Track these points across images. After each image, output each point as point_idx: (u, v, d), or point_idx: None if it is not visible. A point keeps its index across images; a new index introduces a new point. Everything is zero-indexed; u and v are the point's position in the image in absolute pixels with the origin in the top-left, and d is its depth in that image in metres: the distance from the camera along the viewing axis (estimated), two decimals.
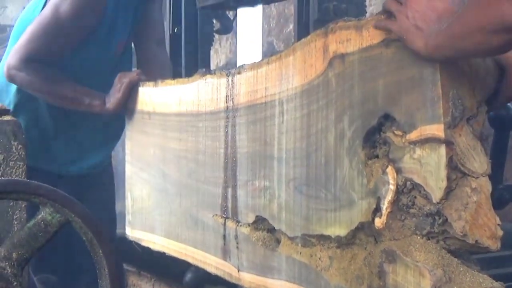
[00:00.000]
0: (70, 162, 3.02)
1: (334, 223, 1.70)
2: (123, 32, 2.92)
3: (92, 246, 2.10)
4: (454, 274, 1.45)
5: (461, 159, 1.41)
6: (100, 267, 2.11)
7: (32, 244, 2.05)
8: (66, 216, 2.07)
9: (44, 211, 2.07)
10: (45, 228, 2.06)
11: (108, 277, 2.08)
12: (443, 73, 1.40)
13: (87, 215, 2.10)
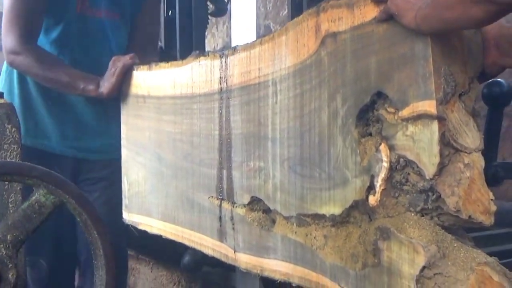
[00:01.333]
0: (64, 143, 3.02)
1: (328, 202, 1.70)
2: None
3: (86, 227, 2.11)
4: (448, 250, 1.45)
5: (454, 135, 1.41)
6: (95, 247, 2.12)
7: (26, 225, 2.07)
8: (60, 198, 2.09)
9: (38, 193, 2.09)
10: (39, 210, 2.08)
11: (103, 257, 2.11)
12: (435, 49, 1.39)
13: (81, 196, 2.12)
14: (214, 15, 3.70)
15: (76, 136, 3.04)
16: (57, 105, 2.98)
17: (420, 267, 1.44)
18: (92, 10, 2.91)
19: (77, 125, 3.01)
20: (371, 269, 1.58)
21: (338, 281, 1.69)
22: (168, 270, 4.66)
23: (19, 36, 2.80)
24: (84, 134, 3.04)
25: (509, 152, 4.78)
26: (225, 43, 6.90)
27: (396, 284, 1.51)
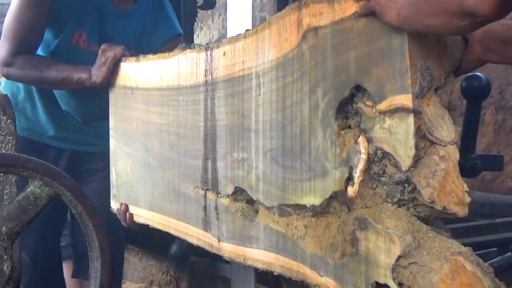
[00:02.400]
0: (61, 136, 3.04)
1: (309, 192, 1.72)
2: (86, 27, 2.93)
3: (81, 219, 2.10)
4: (423, 240, 1.47)
5: (429, 128, 1.44)
6: (90, 239, 2.11)
7: (21, 217, 2.07)
8: (55, 189, 2.07)
9: (33, 185, 2.08)
10: (34, 202, 2.07)
11: (98, 249, 2.10)
12: (411, 44, 1.42)
13: (76, 188, 2.10)
14: (202, 8, 3.72)
15: (73, 129, 3.06)
16: (54, 99, 3.01)
17: (396, 256, 1.47)
18: (87, 44, 2.92)
19: (73, 119, 3.03)
20: (349, 258, 1.61)
21: (318, 270, 1.72)
22: (157, 260, 4.69)
23: (11, 49, 2.84)
24: (81, 128, 3.05)
25: (504, 144, 4.81)
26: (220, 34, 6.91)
27: (373, 273, 1.54)
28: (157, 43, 3.02)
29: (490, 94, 4.86)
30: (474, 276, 1.43)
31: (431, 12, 1.33)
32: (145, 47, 2.97)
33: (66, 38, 2.90)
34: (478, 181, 4.76)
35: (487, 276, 1.45)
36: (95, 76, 2.77)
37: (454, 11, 1.27)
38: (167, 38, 3.07)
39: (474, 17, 1.25)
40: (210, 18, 7.36)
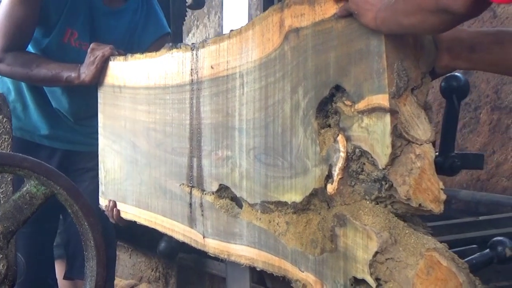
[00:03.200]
0: (52, 135, 3.06)
1: (290, 189, 1.75)
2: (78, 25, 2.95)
3: (77, 218, 2.08)
4: (400, 236, 1.50)
5: (406, 127, 1.46)
6: (85, 238, 2.09)
7: (17, 216, 2.05)
8: (51, 189, 2.06)
9: (29, 184, 2.06)
10: (30, 201, 2.05)
11: (94, 248, 2.09)
12: (388, 45, 1.44)
13: (72, 187, 2.09)
14: (192, 8, 3.73)
15: (65, 128, 3.07)
16: (46, 98, 3.02)
17: (373, 252, 1.50)
18: (78, 42, 2.93)
19: (65, 118, 3.05)
20: (329, 254, 1.63)
21: (299, 266, 1.74)
22: (147, 256, 4.71)
23: (1, 45, 2.85)
24: (72, 127, 3.07)
25: (499, 144, 4.82)
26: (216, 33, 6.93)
27: (351, 268, 1.56)
28: (146, 42, 3.04)
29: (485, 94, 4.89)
30: (449, 272, 1.46)
31: (408, 11, 1.35)
32: (135, 45, 2.99)
33: (57, 37, 2.92)
34: (473, 181, 4.77)
35: (461, 272, 1.48)
36: (84, 74, 2.79)
37: (430, 8, 1.30)
38: (156, 37, 3.09)
39: (449, 15, 1.28)
40: (206, 17, 7.37)
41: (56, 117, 3.05)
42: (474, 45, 1.50)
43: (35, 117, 3.04)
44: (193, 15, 7.50)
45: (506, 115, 4.85)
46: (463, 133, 5.06)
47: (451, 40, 1.51)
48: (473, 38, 1.50)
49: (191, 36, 7.67)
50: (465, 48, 1.50)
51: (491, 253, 2.20)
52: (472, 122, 5.04)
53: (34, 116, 3.04)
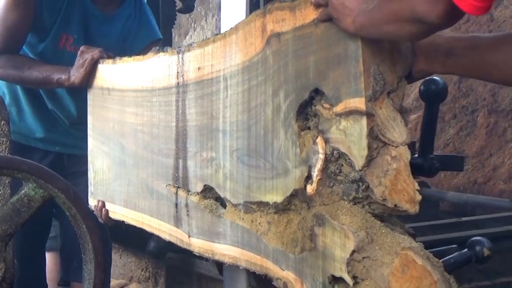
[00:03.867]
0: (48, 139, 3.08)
1: (271, 190, 1.78)
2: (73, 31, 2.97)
3: (75, 221, 2.07)
4: (376, 235, 1.53)
5: (382, 130, 1.49)
6: (83, 241, 2.08)
7: (15, 219, 2.04)
8: (49, 192, 2.04)
9: (27, 187, 2.05)
10: (28, 204, 2.04)
11: (92, 251, 2.08)
12: (365, 50, 1.47)
13: (70, 190, 2.08)
14: (181, 12, 3.76)
15: (61, 131, 3.09)
16: (41, 101, 3.05)
17: (350, 251, 1.53)
18: (73, 47, 2.96)
19: (60, 121, 3.07)
20: (308, 253, 1.66)
21: (280, 264, 1.77)
22: (137, 256, 4.73)
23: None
24: (68, 130, 3.09)
25: (496, 147, 4.84)
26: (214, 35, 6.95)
27: (330, 267, 1.59)
28: (138, 47, 3.06)
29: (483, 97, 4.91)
30: (424, 270, 1.49)
31: (384, 19, 1.38)
32: (127, 50, 3.01)
33: (53, 42, 2.94)
34: (470, 184, 4.80)
35: (436, 270, 1.50)
36: (74, 76, 2.81)
37: (406, 18, 1.33)
38: (148, 42, 3.11)
39: (424, 24, 1.31)
40: (204, 19, 7.39)
41: (52, 120, 3.07)
42: (449, 50, 1.53)
43: (30, 120, 3.06)
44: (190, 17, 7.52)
45: (503, 118, 4.87)
46: (460, 136, 5.07)
47: (427, 45, 1.54)
48: (448, 44, 1.53)
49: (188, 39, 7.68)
50: (441, 53, 1.53)
51: (469, 252, 2.24)
52: (469, 125, 5.06)
53: (30, 119, 3.06)
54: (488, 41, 1.51)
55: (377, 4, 1.41)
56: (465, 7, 1.20)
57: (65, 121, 3.07)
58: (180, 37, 7.85)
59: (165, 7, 3.47)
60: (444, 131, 5.16)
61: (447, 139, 5.10)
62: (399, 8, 1.34)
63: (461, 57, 1.52)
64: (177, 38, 7.85)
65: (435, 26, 1.32)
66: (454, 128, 5.15)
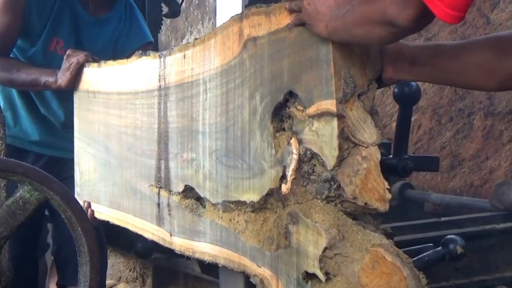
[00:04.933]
0: (43, 143, 3.10)
1: (248, 189, 1.81)
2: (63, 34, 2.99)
3: (71, 224, 2.06)
4: (347, 233, 1.56)
5: (352, 131, 1.53)
6: (79, 244, 2.07)
7: (10, 222, 2.02)
8: (44, 194, 2.03)
9: (22, 189, 2.03)
10: (23, 206, 2.02)
11: (88, 254, 2.07)
12: (336, 54, 1.51)
13: (65, 193, 2.07)
14: (168, 17, 3.79)
15: (56, 135, 3.11)
16: (36, 105, 3.07)
17: (322, 248, 1.56)
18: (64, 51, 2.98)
19: (55, 125, 3.09)
20: (283, 250, 1.70)
21: (256, 261, 1.80)
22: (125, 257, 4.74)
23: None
24: (62, 134, 3.11)
25: (492, 150, 4.86)
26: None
27: (304, 263, 1.63)
28: (129, 50, 3.08)
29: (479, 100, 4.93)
30: (393, 266, 1.52)
31: (356, 22, 1.42)
32: (118, 53, 3.03)
33: (44, 45, 2.97)
34: (466, 187, 4.81)
35: (406, 266, 1.54)
36: (60, 80, 2.84)
37: (377, 20, 1.36)
38: (139, 45, 3.13)
39: (394, 28, 1.35)
40: (200, 23, 7.40)
41: (47, 124, 3.08)
42: (414, 59, 1.57)
43: (26, 124, 3.08)
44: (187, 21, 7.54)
45: (500, 121, 4.88)
46: (456, 139, 5.08)
47: (394, 54, 1.58)
48: (413, 53, 1.57)
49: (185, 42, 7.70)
50: (407, 62, 1.57)
51: (443, 250, 2.27)
52: (466, 128, 5.06)
53: (25, 123, 3.08)
54: (450, 49, 1.55)
55: (350, 8, 1.45)
56: (441, 15, 1.23)
57: (58, 125, 3.08)
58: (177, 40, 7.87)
59: (151, 12, 3.49)
60: (441, 134, 5.17)
61: (444, 142, 5.10)
62: (370, 10, 1.37)
63: (425, 65, 1.56)
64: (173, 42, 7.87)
65: (405, 30, 1.35)
66: (451, 131, 5.15)
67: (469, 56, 1.48)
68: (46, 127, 3.09)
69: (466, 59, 1.48)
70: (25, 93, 3.05)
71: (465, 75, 1.50)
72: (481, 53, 1.46)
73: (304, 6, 1.55)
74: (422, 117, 5.30)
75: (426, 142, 5.14)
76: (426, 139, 5.18)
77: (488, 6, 5.19)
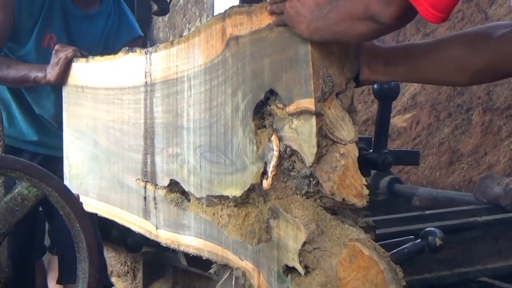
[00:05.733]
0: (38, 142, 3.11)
1: (231, 184, 1.84)
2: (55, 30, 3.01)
3: (69, 220, 2.05)
4: (326, 227, 1.59)
5: (330, 129, 1.56)
6: (77, 240, 2.06)
7: (9, 218, 2.01)
8: (43, 190, 2.02)
9: (20, 186, 2.02)
10: (22, 203, 2.02)
11: (86, 250, 2.06)
12: (314, 54, 1.54)
13: (64, 189, 2.06)
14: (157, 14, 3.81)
15: (49, 134, 3.13)
16: (30, 105, 3.08)
17: (301, 242, 1.59)
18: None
19: (49, 124, 3.11)
20: (265, 244, 1.73)
21: (239, 255, 1.84)
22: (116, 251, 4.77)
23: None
24: (55, 133, 3.11)
25: (491, 145, 4.89)
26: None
27: (284, 257, 1.66)
28: (119, 44, 3.10)
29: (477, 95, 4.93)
30: (370, 260, 1.56)
31: (339, 18, 1.45)
32: (109, 48, 3.04)
33: (37, 41, 2.98)
34: (465, 182, 4.84)
35: (383, 260, 1.58)
36: (50, 75, 2.86)
37: (359, 16, 1.40)
38: (128, 39, 3.15)
39: (376, 24, 1.38)
40: (198, 19, 7.42)
41: (42, 124, 3.09)
42: (388, 60, 1.60)
43: (21, 125, 3.08)
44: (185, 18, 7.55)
45: (498, 116, 4.89)
46: (455, 134, 5.10)
47: (369, 57, 1.61)
48: (386, 54, 1.61)
49: None
50: (381, 63, 1.61)
51: (422, 242, 2.31)
52: (464, 123, 5.08)
53: (20, 123, 3.08)
54: (421, 48, 1.58)
55: (333, 6, 1.48)
56: (424, 13, 1.27)
57: (54, 124, 3.10)
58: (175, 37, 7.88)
59: (140, 9, 3.50)
60: (439, 129, 5.18)
61: (442, 138, 5.12)
62: (354, 6, 1.40)
63: (398, 66, 1.59)
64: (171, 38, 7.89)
65: (386, 27, 1.38)
66: (449, 126, 5.17)
67: (439, 54, 1.51)
68: (41, 127, 3.10)
69: (437, 56, 1.52)
70: (18, 94, 3.06)
71: (437, 72, 1.54)
72: (451, 50, 1.49)
73: (286, 9, 1.58)
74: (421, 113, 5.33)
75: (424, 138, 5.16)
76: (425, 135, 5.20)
77: (486, 1, 5.21)
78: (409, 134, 5.20)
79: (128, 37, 3.15)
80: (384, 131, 2.11)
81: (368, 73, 1.61)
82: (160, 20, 7.15)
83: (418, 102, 5.43)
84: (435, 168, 4.94)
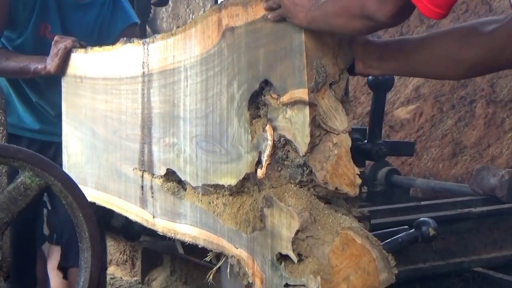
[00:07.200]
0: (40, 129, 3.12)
1: (226, 174, 1.86)
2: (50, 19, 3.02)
3: (72, 210, 2.05)
4: (319, 216, 1.61)
5: (323, 119, 1.58)
6: (80, 230, 2.06)
7: (12, 208, 2.01)
8: (45, 180, 2.02)
9: (23, 175, 2.01)
10: (24, 192, 2.01)
11: (89, 240, 2.06)
12: (308, 45, 1.56)
13: (66, 178, 2.06)
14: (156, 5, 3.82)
15: (48, 122, 3.14)
16: (27, 94, 3.09)
17: (295, 230, 1.61)
18: (52, 35, 2.99)
19: (46, 112, 3.12)
20: (259, 233, 1.75)
21: (234, 243, 1.85)
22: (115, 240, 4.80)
23: None
24: (55, 121, 3.10)
25: (494, 138, 4.89)
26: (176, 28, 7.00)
27: (277, 245, 1.68)
28: (114, 33, 3.11)
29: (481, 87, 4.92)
30: (363, 248, 1.58)
31: (335, 13, 1.47)
32: (104, 37, 3.06)
33: (33, 32, 2.99)
34: (468, 174, 4.84)
35: (375, 248, 1.60)
36: (49, 65, 2.87)
37: (355, 13, 1.41)
38: (123, 26, 3.15)
39: (371, 21, 1.39)
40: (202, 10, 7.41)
41: (40, 112, 3.10)
42: (381, 55, 1.62)
43: (19, 111, 3.10)
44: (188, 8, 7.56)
45: (501, 108, 4.89)
46: (458, 126, 5.09)
47: (362, 52, 1.63)
48: (380, 49, 1.62)
49: None
50: (375, 58, 1.62)
51: (415, 232, 2.33)
52: (468, 115, 5.07)
53: (19, 110, 3.10)
54: (414, 43, 1.60)
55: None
56: (423, 10, 1.29)
57: (51, 112, 3.11)
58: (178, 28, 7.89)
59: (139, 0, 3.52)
60: (443, 121, 5.18)
61: (445, 130, 5.12)
62: (350, 3, 1.42)
63: (391, 60, 1.61)
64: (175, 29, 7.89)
65: (381, 24, 1.40)
66: (453, 118, 5.17)
67: (432, 48, 1.53)
68: (39, 115, 3.11)
69: (429, 51, 1.53)
70: (16, 83, 3.08)
71: (429, 66, 1.55)
72: (444, 45, 1.51)
73: (283, 2, 1.59)
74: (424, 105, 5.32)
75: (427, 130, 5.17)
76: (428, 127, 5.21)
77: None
78: (412, 126, 5.20)
79: (123, 24, 3.14)
80: (378, 121, 2.13)
81: (362, 67, 1.63)
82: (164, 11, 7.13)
83: (422, 94, 5.42)
84: (438, 160, 4.95)
